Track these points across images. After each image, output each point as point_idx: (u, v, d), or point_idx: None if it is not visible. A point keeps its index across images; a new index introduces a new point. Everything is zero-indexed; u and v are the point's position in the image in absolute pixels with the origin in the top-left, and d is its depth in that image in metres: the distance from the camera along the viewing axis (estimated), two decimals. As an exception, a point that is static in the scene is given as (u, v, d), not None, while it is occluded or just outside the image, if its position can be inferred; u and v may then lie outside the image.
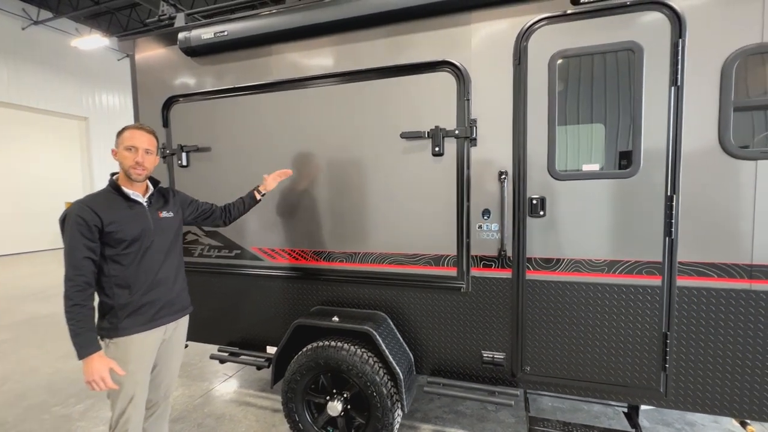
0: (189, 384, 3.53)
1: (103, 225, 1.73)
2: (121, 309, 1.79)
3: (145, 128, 1.86)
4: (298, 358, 2.44)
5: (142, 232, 1.83)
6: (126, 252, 1.78)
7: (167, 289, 1.92)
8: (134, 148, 1.80)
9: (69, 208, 1.74)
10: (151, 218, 1.88)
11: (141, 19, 13.11)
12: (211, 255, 2.89)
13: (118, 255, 1.77)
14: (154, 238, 1.87)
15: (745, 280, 1.87)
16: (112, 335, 1.79)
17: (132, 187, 1.86)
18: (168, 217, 1.97)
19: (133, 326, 1.81)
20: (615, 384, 2.09)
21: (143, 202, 1.88)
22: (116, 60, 15.16)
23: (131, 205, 1.84)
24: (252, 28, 2.52)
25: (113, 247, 1.76)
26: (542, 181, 2.12)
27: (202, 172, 2.85)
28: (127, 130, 1.83)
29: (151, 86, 2.96)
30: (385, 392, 2.24)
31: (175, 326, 2.00)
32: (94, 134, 14.32)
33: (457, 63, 2.19)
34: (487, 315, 2.28)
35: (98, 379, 1.66)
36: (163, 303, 1.90)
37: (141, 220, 1.84)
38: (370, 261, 2.49)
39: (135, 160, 1.80)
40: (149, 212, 1.88)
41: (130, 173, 1.81)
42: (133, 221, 1.81)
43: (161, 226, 1.92)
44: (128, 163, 1.80)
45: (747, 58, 1.80)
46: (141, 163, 1.81)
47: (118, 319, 1.78)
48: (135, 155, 1.80)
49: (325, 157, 2.53)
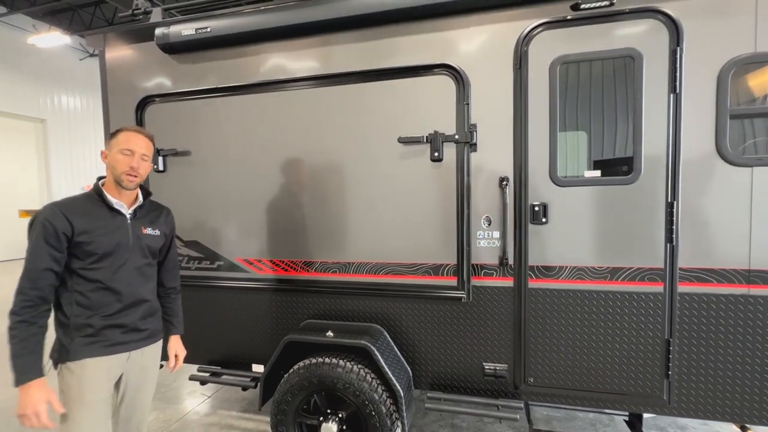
0: (163, 407, 3.26)
1: (73, 233, 1.52)
2: (77, 329, 1.56)
3: (144, 132, 1.68)
4: (289, 377, 2.27)
5: (117, 247, 1.61)
6: (94, 267, 1.57)
7: (139, 315, 1.69)
8: (130, 152, 1.60)
9: (40, 210, 1.54)
10: (131, 233, 1.66)
11: (106, 17, 12.47)
12: (191, 266, 2.68)
13: (84, 269, 1.56)
14: (130, 255, 1.65)
15: (744, 285, 1.89)
16: (64, 358, 1.55)
17: (119, 195, 1.65)
18: (152, 235, 1.74)
19: (89, 349, 1.57)
20: (618, 393, 2.06)
21: (127, 214, 1.67)
22: (78, 59, 14.34)
23: (113, 215, 1.64)
24: (238, 25, 2.36)
25: (81, 259, 1.55)
26: (544, 188, 2.09)
27: (181, 177, 2.65)
28: (122, 131, 1.64)
29: (124, 85, 2.73)
30: (385, 410, 2.12)
31: (141, 353, 1.73)
32: (53, 138, 13.40)
33: (457, 66, 2.14)
34: (489, 325, 2.21)
35: (32, 413, 1.42)
36: (130, 328, 1.66)
37: (119, 234, 1.63)
38: (365, 271, 2.37)
39: (130, 165, 1.60)
40: (131, 226, 1.67)
41: (122, 180, 1.61)
42: (109, 233, 1.60)
43: (142, 243, 1.70)
44: (121, 168, 1.60)
45: (742, 66, 1.84)
46: (136, 168, 1.61)
47: (71, 339, 1.55)
48: (130, 160, 1.60)
49: (317, 163, 2.40)
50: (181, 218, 2.65)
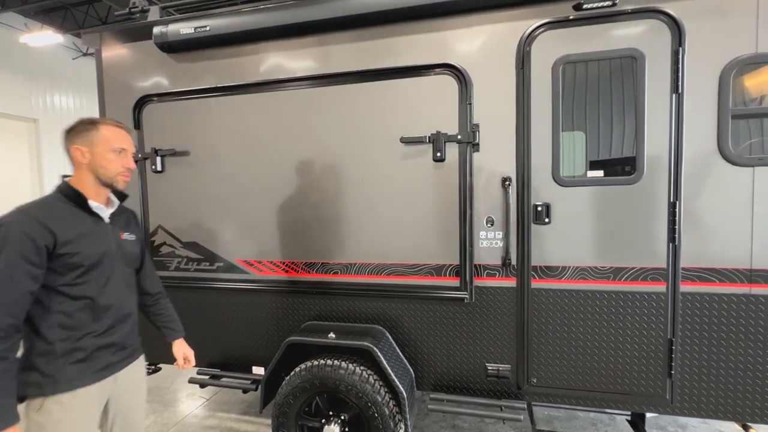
0: (161, 410, 3.22)
1: (56, 244, 1.31)
2: (65, 355, 1.35)
3: (124, 125, 1.55)
4: (290, 379, 2.25)
5: (104, 257, 1.44)
6: (80, 281, 1.38)
7: (127, 330, 1.55)
8: (123, 151, 1.48)
9: (6, 219, 1.30)
10: (113, 239, 1.51)
11: (99, 16, 12.33)
12: (190, 268, 2.65)
13: (69, 285, 1.36)
14: (116, 264, 1.50)
15: (745, 285, 1.90)
16: (51, 391, 1.33)
17: (96, 197, 1.47)
18: (131, 240, 1.60)
19: (80, 376, 1.38)
20: (621, 392, 2.07)
21: (106, 219, 1.50)
22: (71, 59, 14.17)
23: (95, 220, 1.46)
24: (239, 24, 2.34)
25: (62, 274, 1.34)
26: (547, 188, 2.08)
27: (179, 178, 2.62)
28: (105, 126, 1.47)
29: (121, 84, 2.69)
30: (388, 412, 2.10)
31: (126, 371, 1.57)
32: (45, 138, 13.22)
33: (459, 66, 2.13)
34: (492, 326, 2.21)
35: None
36: (119, 347, 1.52)
37: (103, 241, 1.46)
38: (367, 272, 2.35)
39: (126, 165, 1.48)
40: (112, 231, 1.51)
41: (117, 181, 1.48)
42: (94, 241, 1.42)
43: (124, 250, 1.55)
44: (115, 168, 1.46)
45: (743, 67, 1.85)
46: (131, 168, 1.50)
47: (59, 368, 1.34)
48: (124, 159, 1.48)
49: (319, 163, 2.38)
50: (180, 219, 2.64)
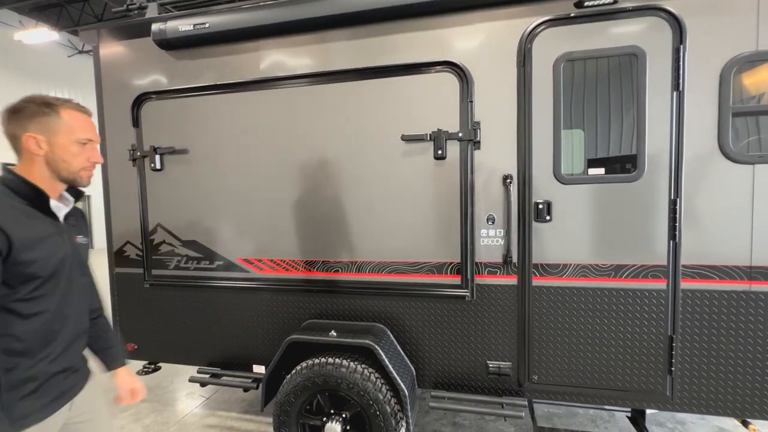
0: (161, 409, 3.21)
1: (9, 251, 1.07)
2: (13, 388, 1.11)
3: (87, 109, 1.30)
4: (292, 378, 2.25)
5: (61, 264, 1.21)
6: (34, 296, 1.14)
7: (81, 349, 1.34)
8: (90, 142, 1.25)
9: None
10: (69, 243, 1.27)
11: (95, 13, 12.24)
12: (189, 267, 2.64)
13: (23, 301, 1.12)
14: (72, 273, 1.27)
15: (745, 282, 1.91)
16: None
17: (52, 194, 1.22)
18: (84, 244, 1.37)
19: (33, 411, 1.15)
20: (622, 389, 2.07)
21: (61, 219, 1.27)
22: (66, 56, 14.08)
23: (52, 221, 1.23)
24: (238, 21, 2.32)
25: (13, 288, 1.10)
26: (548, 185, 2.08)
27: (178, 176, 2.60)
28: (66, 110, 1.21)
29: (119, 82, 2.67)
30: (389, 410, 2.11)
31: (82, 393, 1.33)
32: (41, 136, 13.13)
33: (460, 63, 2.12)
34: (493, 323, 2.21)
35: None
36: (74, 369, 1.29)
37: (60, 246, 1.22)
38: (368, 270, 2.35)
39: (93, 159, 1.26)
40: (68, 234, 1.28)
41: (81, 177, 1.26)
42: (52, 247, 1.19)
43: (79, 257, 1.33)
44: (80, 162, 1.23)
45: (744, 64, 1.85)
46: (99, 163, 1.30)
47: (5, 405, 1.10)
48: (91, 152, 1.26)
49: (319, 160, 2.37)
50: (179, 218, 2.63)
